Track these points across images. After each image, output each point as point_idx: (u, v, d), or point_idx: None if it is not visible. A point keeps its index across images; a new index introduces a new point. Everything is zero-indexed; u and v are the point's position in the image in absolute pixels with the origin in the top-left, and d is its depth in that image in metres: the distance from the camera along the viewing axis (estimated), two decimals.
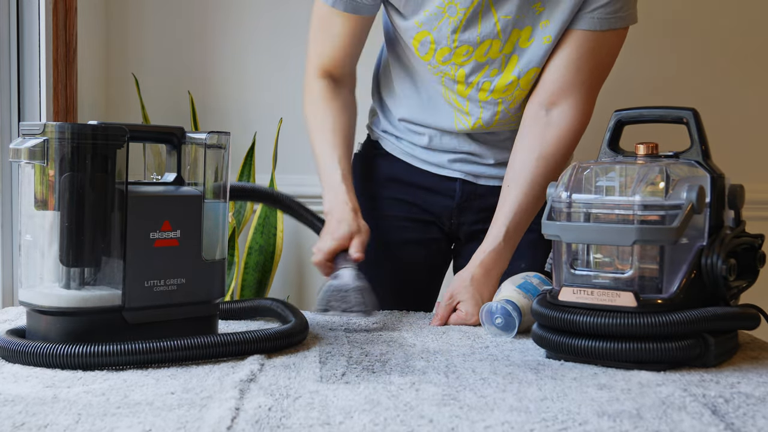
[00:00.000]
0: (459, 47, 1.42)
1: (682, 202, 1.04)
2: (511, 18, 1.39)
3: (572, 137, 1.44)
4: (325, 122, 1.51)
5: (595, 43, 1.41)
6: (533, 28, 1.40)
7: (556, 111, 1.43)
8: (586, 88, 1.43)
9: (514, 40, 1.42)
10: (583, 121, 1.44)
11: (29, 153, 1.03)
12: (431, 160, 1.62)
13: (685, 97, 1.66)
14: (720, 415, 0.85)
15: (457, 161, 1.61)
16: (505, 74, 1.45)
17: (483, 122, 1.52)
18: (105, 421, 0.81)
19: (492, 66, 1.45)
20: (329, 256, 1.39)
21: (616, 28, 1.40)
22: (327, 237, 1.40)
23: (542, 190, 1.42)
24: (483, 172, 1.61)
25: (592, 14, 1.38)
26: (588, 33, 1.40)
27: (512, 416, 0.84)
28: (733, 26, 2.46)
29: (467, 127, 1.53)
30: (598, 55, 1.42)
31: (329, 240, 1.39)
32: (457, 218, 1.64)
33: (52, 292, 1.05)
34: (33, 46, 1.81)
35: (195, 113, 2.36)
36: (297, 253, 2.51)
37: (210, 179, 1.14)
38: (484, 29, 1.40)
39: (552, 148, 1.43)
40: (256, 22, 2.45)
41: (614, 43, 1.43)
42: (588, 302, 1.05)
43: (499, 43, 1.42)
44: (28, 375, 0.99)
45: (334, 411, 0.85)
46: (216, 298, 1.15)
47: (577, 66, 1.42)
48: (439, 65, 1.47)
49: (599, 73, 1.45)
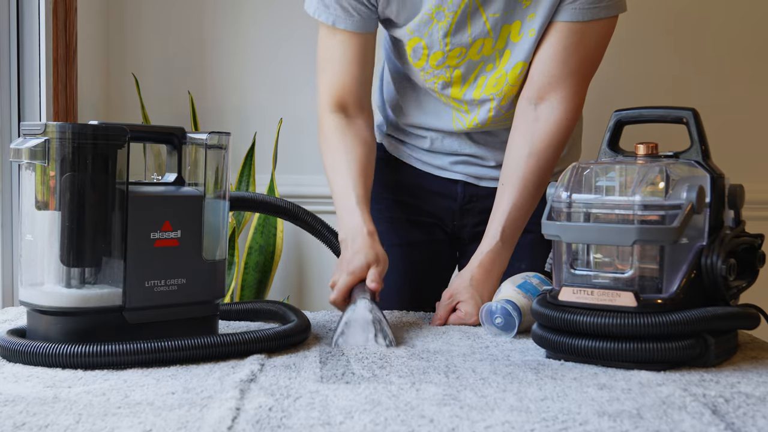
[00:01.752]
0: (452, 50, 1.43)
1: (682, 202, 1.04)
2: (500, 15, 1.39)
3: (562, 131, 1.43)
4: (337, 156, 1.44)
5: (580, 34, 1.39)
6: (522, 22, 1.40)
7: (544, 105, 1.43)
8: (574, 80, 1.42)
9: (505, 36, 1.42)
10: (572, 114, 1.43)
11: (30, 153, 1.03)
12: (433, 162, 1.63)
13: (685, 97, 1.66)
14: (720, 415, 0.85)
15: (459, 163, 1.61)
16: (498, 68, 1.45)
17: (479, 121, 1.52)
18: (105, 421, 0.81)
19: (487, 62, 1.45)
20: (346, 294, 1.31)
21: (600, 17, 1.38)
22: (343, 272, 1.32)
23: (536, 186, 1.42)
24: (484, 174, 1.61)
25: (573, 5, 1.37)
26: (572, 24, 1.39)
27: (513, 416, 0.84)
28: (734, 26, 2.46)
29: (464, 127, 1.54)
30: (584, 46, 1.41)
31: (345, 276, 1.31)
32: (460, 220, 1.65)
33: (52, 292, 1.05)
34: (33, 46, 1.81)
35: (195, 113, 2.36)
36: (297, 253, 2.51)
37: (210, 179, 1.14)
38: (475, 30, 1.41)
39: (542, 143, 1.42)
40: (256, 22, 2.45)
41: (601, 34, 1.41)
42: (588, 302, 1.05)
43: (491, 40, 1.42)
44: (29, 375, 0.99)
45: (334, 411, 0.85)
46: (216, 298, 1.16)
47: (563, 58, 1.40)
48: (433, 69, 1.47)
49: (587, 65, 1.43)
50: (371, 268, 1.31)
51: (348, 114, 1.46)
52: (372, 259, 1.32)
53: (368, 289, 1.28)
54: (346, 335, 1.18)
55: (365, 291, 1.27)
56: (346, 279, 1.30)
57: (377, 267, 1.31)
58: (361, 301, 1.23)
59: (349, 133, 1.45)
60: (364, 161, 1.44)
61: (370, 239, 1.35)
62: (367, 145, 1.46)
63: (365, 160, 1.44)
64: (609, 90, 2.36)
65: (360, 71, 1.46)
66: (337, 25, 1.43)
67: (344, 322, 1.20)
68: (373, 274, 1.30)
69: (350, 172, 1.41)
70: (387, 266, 1.34)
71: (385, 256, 1.35)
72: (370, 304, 1.22)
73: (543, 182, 1.43)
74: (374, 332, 1.18)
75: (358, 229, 1.36)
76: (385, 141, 1.68)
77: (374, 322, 1.19)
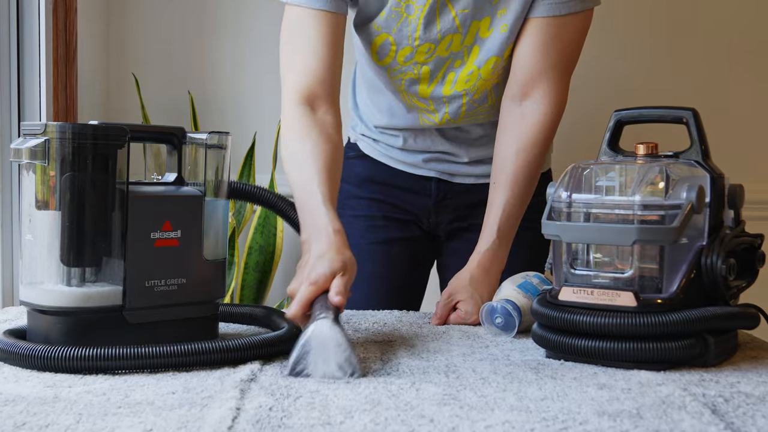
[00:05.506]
0: (420, 45, 1.43)
1: (682, 202, 1.04)
2: (469, 11, 1.40)
3: (548, 126, 1.44)
4: (301, 151, 1.30)
5: (557, 29, 1.40)
6: (491, 18, 1.41)
7: (528, 102, 1.43)
8: (555, 75, 1.43)
9: (474, 32, 1.42)
10: (556, 109, 1.44)
11: (30, 153, 1.03)
12: (407, 160, 1.64)
13: (685, 97, 1.66)
14: (720, 415, 0.85)
15: (432, 161, 1.62)
16: (467, 65, 1.45)
17: (450, 116, 1.53)
18: (106, 421, 0.81)
19: (455, 58, 1.46)
20: (307, 307, 1.11)
21: (576, 11, 1.40)
22: (303, 281, 1.14)
23: (527, 182, 1.43)
24: (458, 170, 1.62)
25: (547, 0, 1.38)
26: (547, 20, 1.39)
27: (513, 416, 0.84)
28: (734, 26, 2.46)
29: (435, 123, 1.54)
30: (562, 40, 1.42)
31: (306, 286, 1.12)
32: (435, 217, 1.66)
33: (52, 292, 1.05)
34: (33, 46, 1.81)
35: (195, 113, 2.36)
36: (297, 253, 2.51)
37: (210, 179, 1.15)
38: (444, 25, 1.41)
39: (530, 139, 1.43)
40: (256, 22, 2.45)
41: (578, 28, 1.42)
42: (588, 302, 1.06)
43: (460, 36, 1.42)
44: (29, 375, 0.99)
45: (334, 411, 0.85)
46: (216, 298, 1.16)
47: (543, 54, 1.41)
48: (400, 66, 1.47)
49: (566, 58, 1.44)
50: (336, 278, 1.12)
51: (315, 108, 1.35)
52: (337, 267, 1.13)
53: (331, 305, 1.09)
54: (304, 362, 1.00)
55: (327, 307, 1.08)
56: (307, 290, 1.12)
57: (342, 276, 1.13)
58: (322, 321, 1.03)
59: (315, 129, 1.32)
60: (330, 159, 1.30)
61: (337, 239, 1.18)
62: (334, 143, 1.33)
63: (331, 157, 1.30)
64: (609, 90, 2.37)
65: (331, 55, 1.36)
66: (309, 5, 1.35)
67: (301, 345, 1.01)
68: (338, 286, 1.11)
69: (315, 168, 1.27)
70: (355, 274, 1.17)
71: (353, 261, 1.17)
72: (331, 323, 1.03)
73: (534, 177, 1.45)
74: (337, 361, 0.99)
75: (323, 229, 1.19)
76: (359, 141, 1.70)
77: (337, 347, 1.00)
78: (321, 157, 1.29)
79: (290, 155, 1.32)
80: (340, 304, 1.09)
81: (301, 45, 1.37)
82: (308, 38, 1.36)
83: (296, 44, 1.38)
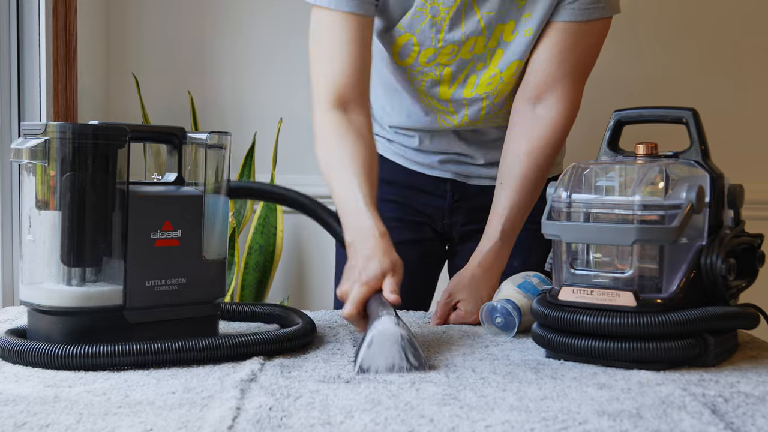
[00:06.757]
0: (444, 47, 1.42)
1: (682, 202, 1.04)
2: (494, 14, 1.39)
3: (560, 130, 1.44)
4: (338, 155, 1.34)
5: (576, 34, 1.40)
6: (516, 21, 1.40)
7: (542, 105, 1.43)
8: (570, 80, 1.43)
9: (498, 35, 1.42)
10: (569, 114, 1.44)
11: (30, 153, 1.04)
12: (422, 161, 1.63)
13: (685, 97, 1.66)
14: (719, 415, 0.85)
15: (447, 162, 1.62)
16: (490, 68, 1.45)
17: (469, 118, 1.52)
18: (106, 421, 0.81)
19: (478, 61, 1.45)
20: (362, 307, 1.16)
21: (597, 18, 1.39)
22: (354, 282, 1.18)
23: (534, 185, 1.43)
24: (473, 172, 1.62)
25: (572, 5, 1.38)
26: (569, 24, 1.39)
27: (512, 415, 0.84)
28: (733, 26, 2.46)
29: (453, 125, 1.54)
30: (581, 47, 1.42)
31: (358, 287, 1.17)
32: (450, 218, 1.65)
33: (53, 292, 1.05)
34: (33, 46, 1.81)
35: (195, 113, 2.36)
36: (297, 253, 2.51)
37: (210, 179, 1.15)
38: (469, 27, 1.40)
39: (540, 142, 1.43)
40: (256, 22, 2.45)
41: (597, 34, 1.42)
42: (588, 302, 1.06)
43: (484, 38, 1.42)
44: (30, 374, 0.99)
45: (334, 410, 0.85)
46: (216, 298, 1.16)
47: (560, 58, 1.41)
48: (422, 67, 1.46)
49: (583, 64, 1.44)
50: (387, 278, 1.18)
51: (348, 110, 1.37)
52: (387, 267, 1.19)
53: (387, 302, 1.14)
54: (371, 356, 1.03)
55: (385, 304, 1.13)
56: (360, 291, 1.16)
57: (394, 276, 1.18)
58: (386, 317, 1.07)
59: (351, 132, 1.35)
60: (368, 160, 1.34)
61: (383, 242, 1.22)
62: (369, 145, 1.37)
63: (369, 159, 1.34)
64: (609, 90, 2.37)
65: (361, 55, 1.37)
66: (339, 7, 1.36)
67: (367, 343, 1.04)
68: (391, 285, 1.17)
69: (355, 171, 1.30)
70: (402, 274, 1.21)
71: (400, 262, 1.22)
72: (394, 319, 1.06)
73: (540, 181, 1.44)
74: (404, 352, 1.03)
75: (368, 232, 1.24)
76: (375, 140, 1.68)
77: (403, 339, 1.04)
78: (359, 160, 1.32)
79: (328, 158, 1.36)
80: (396, 301, 1.14)
81: (332, 48, 1.38)
82: (339, 42, 1.37)
83: (327, 48, 1.39)
